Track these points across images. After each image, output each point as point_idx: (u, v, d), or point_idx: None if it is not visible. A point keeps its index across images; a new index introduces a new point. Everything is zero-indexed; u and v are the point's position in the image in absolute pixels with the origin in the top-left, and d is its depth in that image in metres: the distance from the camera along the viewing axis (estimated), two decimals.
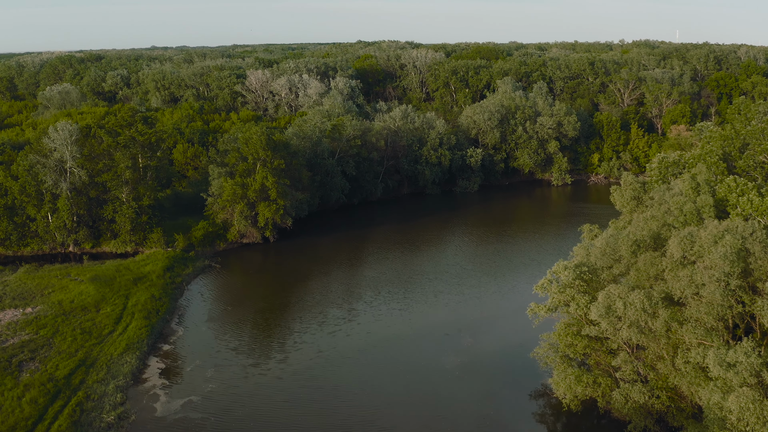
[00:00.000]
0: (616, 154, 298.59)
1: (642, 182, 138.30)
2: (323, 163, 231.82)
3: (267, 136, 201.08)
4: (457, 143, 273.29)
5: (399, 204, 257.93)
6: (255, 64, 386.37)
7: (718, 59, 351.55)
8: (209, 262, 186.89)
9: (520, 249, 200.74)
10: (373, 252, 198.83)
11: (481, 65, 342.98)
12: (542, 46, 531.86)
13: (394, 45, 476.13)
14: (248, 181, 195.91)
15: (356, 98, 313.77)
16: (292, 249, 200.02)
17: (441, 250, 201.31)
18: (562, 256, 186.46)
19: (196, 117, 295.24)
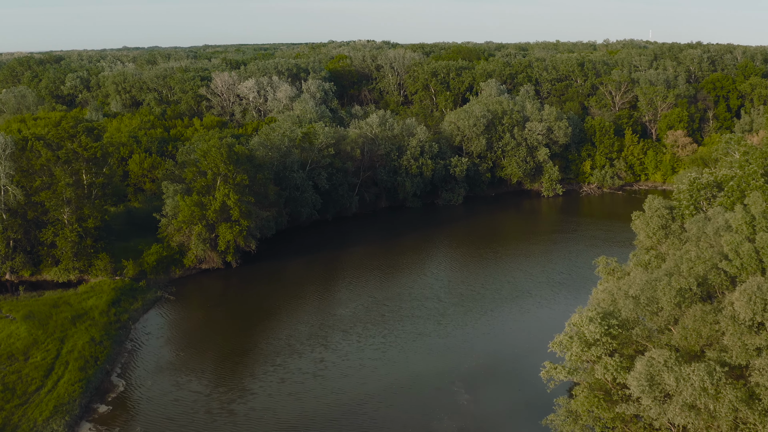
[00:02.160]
0: (609, 161, 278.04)
1: (669, 207, 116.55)
2: (293, 176, 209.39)
3: (228, 148, 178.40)
4: (440, 152, 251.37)
5: (376, 219, 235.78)
6: (221, 66, 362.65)
7: (713, 60, 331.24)
8: (162, 293, 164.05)
9: (509, 276, 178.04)
10: (346, 280, 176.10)
11: (463, 66, 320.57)
12: (523, 46, 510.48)
13: (370, 45, 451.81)
14: (207, 200, 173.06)
15: (330, 102, 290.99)
16: (257, 276, 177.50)
17: (421, 277, 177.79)
18: (554, 286, 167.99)
19: (156, 123, 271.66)
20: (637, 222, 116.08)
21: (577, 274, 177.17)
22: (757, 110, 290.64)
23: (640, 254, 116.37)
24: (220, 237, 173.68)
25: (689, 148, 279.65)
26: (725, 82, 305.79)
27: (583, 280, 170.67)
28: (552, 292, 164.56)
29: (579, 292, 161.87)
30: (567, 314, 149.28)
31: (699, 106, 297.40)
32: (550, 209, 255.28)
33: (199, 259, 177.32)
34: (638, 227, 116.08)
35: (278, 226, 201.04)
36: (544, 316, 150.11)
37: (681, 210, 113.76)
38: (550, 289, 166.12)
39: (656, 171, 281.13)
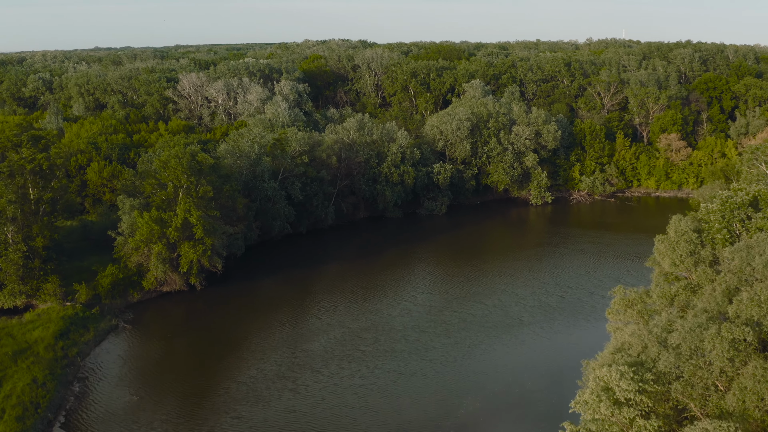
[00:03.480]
0: (600, 166, 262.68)
1: (697, 229, 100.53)
2: (263, 186, 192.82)
3: (191, 157, 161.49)
4: (422, 158, 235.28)
5: (354, 231, 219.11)
6: (189, 66, 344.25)
7: (704, 59, 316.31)
8: (117, 321, 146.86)
9: (497, 300, 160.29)
10: (319, 305, 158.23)
11: (444, 66, 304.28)
12: (503, 45, 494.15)
13: (346, 44, 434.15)
14: (167, 216, 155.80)
15: (304, 104, 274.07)
16: (224, 299, 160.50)
17: (400, 302, 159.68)
18: (548, 312, 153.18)
19: (118, 128, 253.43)
20: (661, 247, 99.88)
21: (570, 296, 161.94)
22: (752, 112, 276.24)
23: (664, 284, 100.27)
24: (182, 257, 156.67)
25: (683, 153, 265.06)
26: (718, 82, 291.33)
27: (578, 304, 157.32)
28: (546, 318, 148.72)
29: (576, 319, 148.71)
30: (566, 347, 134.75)
31: (692, 107, 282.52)
32: (538, 219, 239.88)
33: (160, 282, 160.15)
34: (662, 253, 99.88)
35: (248, 241, 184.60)
36: (541, 349, 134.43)
37: (712, 234, 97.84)
38: (544, 315, 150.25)
39: (649, 177, 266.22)
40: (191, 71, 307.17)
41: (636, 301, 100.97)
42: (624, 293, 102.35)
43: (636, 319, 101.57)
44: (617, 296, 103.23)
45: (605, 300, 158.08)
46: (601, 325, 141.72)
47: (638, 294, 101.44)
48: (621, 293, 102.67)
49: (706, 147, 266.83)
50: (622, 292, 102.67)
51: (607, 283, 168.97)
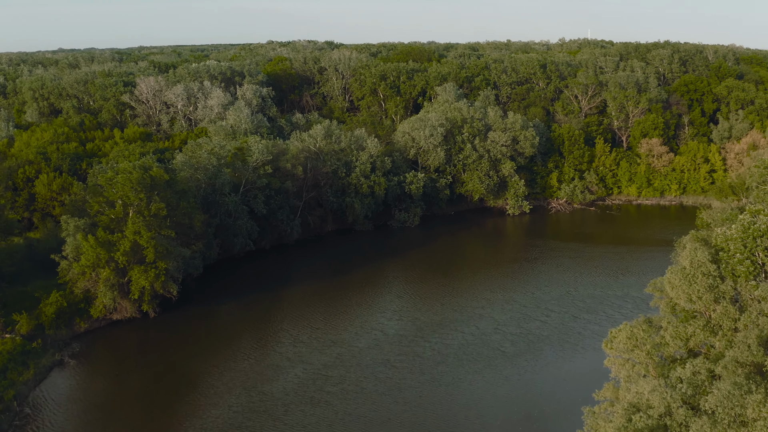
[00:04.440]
0: (579, 173, 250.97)
1: (714, 259, 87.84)
2: (223, 200, 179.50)
3: (143, 171, 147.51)
4: (393, 167, 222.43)
5: (322, 246, 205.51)
6: (148, 69, 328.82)
7: (684, 60, 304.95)
8: (62, 356, 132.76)
9: (474, 326, 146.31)
10: (281, 335, 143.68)
11: (415, 69, 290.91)
12: (474, 46, 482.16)
13: (311, 45, 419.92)
14: (116, 238, 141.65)
15: (268, 109, 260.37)
16: (180, 327, 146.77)
17: (368, 331, 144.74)
18: (532, 342, 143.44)
19: (71, 135, 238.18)
20: (675, 280, 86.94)
21: (553, 321, 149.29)
22: (735, 115, 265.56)
23: (677, 323, 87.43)
24: (132, 283, 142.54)
25: (665, 158, 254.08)
26: (699, 84, 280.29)
27: (562, 330, 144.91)
28: (530, 348, 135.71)
29: (563, 349, 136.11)
30: (557, 384, 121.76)
31: (673, 110, 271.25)
32: (515, 230, 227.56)
33: (109, 309, 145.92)
34: (676, 286, 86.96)
35: (207, 260, 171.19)
36: (529, 387, 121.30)
37: (732, 265, 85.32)
38: (527, 345, 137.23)
39: (630, 183, 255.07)
40: (150, 74, 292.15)
41: (645, 340, 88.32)
42: (631, 331, 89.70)
43: (644, 360, 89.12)
44: (623, 333, 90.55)
45: (592, 325, 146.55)
46: (592, 355, 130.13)
47: (647, 332, 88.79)
48: (627, 331, 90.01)
49: (689, 152, 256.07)
50: (628, 330, 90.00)
51: (591, 304, 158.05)
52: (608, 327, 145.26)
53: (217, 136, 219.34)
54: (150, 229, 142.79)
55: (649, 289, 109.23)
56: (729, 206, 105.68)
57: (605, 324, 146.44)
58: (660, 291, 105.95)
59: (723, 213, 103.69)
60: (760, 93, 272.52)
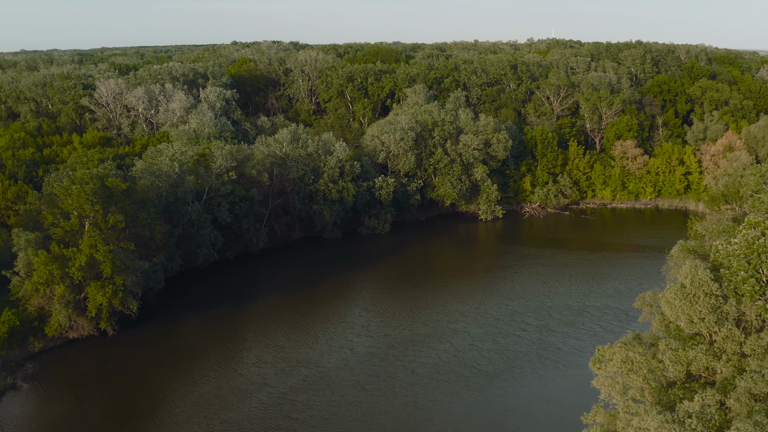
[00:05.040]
0: (552, 177, 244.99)
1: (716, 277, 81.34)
2: (186, 209, 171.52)
3: (100, 181, 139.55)
4: (363, 172, 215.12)
5: (289, 255, 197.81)
6: (108, 71, 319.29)
7: (656, 60, 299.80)
8: (13, 379, 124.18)
9: (447, 343, 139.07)
10: (245, 354, 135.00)
11: (383, 70, 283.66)
12: (441, 46, 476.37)
13: (276, 46, 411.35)
14: (71, 253, 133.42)
15: (232, 113, 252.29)
16: (140, 345, 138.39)
17: (336, 349, 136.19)
18: (510, 359, 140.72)
19: (28, 141, 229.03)
20: (675, 300, 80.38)
21: (530, 336, 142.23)
22: (710, 116, 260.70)
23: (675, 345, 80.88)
24: (89, 300, 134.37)
25: (640, 161, 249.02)
26: (672, 84, 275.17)
27: (540, 345, 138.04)
28: (508, 366, 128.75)
29: (543, 367, 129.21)
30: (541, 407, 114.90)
31: (647, 111, 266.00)
32: (488, 236, 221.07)
33: (65, 328, 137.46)
34: (674, 306, 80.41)
35: (168, 273, 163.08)
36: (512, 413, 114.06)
37: (735, 283, 78.95)
38: (505, 362, 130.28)
39: (604, 187, 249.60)
40: (110, 77, 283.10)
41: (641, 364, 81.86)
42: (626, 354, 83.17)
43: (641, 386, 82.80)
44: (617, 356, 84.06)
45: (571, 339, 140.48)
46: (574, 373, 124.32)
47: (643, 356, 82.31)
48: (622, 354, 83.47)
49: (663, 154, 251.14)
50: (623, 353, 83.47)
51: (568, 316, 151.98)
52: (588, 341, 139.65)
53: (179, 140, 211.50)
54: (107, 243, 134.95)
55: (637, 303, 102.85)
56: (724, 216, 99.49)
57: (585, 338, 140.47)
58: (649, 306, 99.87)
59: (719, 224, 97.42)
60: (734, 93, 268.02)
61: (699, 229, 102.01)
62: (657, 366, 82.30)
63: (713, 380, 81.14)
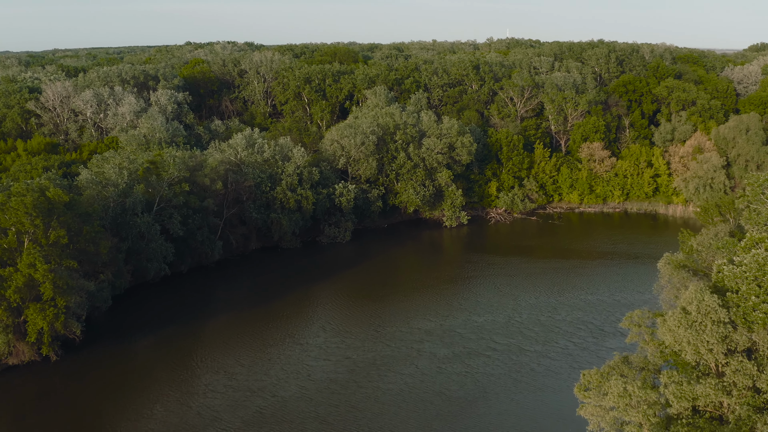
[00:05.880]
0: (518, 181, 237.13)
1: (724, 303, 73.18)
2: (135, 221, 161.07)
3: (40, 193, 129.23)
4: (322, 178, 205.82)
5: (245, 266, 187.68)
6: (56, 74, 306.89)
7: (620, 60, 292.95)
8: None
9: (413, 366, 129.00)
10: (195, 382, 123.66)
11: (341, 71, 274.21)
12: (399, 46, 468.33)
13: (231, 47, 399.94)
14: (7, 273, 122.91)
15: (184, 116, 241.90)
16: (86, 371, 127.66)
17: (293, 372, 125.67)
18: (478, 384, 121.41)
19: None
20: (680, 330, 71.87)
21: (500, 356, 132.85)
22: (678, 117, 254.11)
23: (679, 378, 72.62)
24: (29, 323, 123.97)
25: (607, 163, 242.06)
26: (638, 84, 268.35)
27: (512, 366, 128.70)
28: (480, 392, 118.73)
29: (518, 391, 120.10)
30: None
31: (613, 112, 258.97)
32: (452, 244, 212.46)
33: (4, 353, 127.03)
34: (679, 335, 71.97)
35: (116, 290, 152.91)
36: None
37: (744, 309, 70.90)
38: (475, 386, 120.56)
39: (572, 190, 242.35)
40: (57, 79, 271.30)
41: (640, 398, 73.63)
42: (623, 388, 74.87)
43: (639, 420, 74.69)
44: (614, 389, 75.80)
45: (544, 359, 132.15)
46: (552, 398, 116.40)
47: (642, 390, 74.05)
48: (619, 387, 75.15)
49: (631, 156, 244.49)
50: (620, 386, 75.13)
51: (539, 332, 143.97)
52: (563, 361, 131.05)
53: (128, 146, 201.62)
54: (48, 261, 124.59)
55: (625, 323, 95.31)
56: (720, 230, 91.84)
57: (560, 358, 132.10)
58: (638, 326, 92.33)
59: (717, 241, 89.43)
60: (701, 93, 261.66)
61: (694, 245, 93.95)
62: (657, 401, 74.21)
63: (719, 414, 73.33)
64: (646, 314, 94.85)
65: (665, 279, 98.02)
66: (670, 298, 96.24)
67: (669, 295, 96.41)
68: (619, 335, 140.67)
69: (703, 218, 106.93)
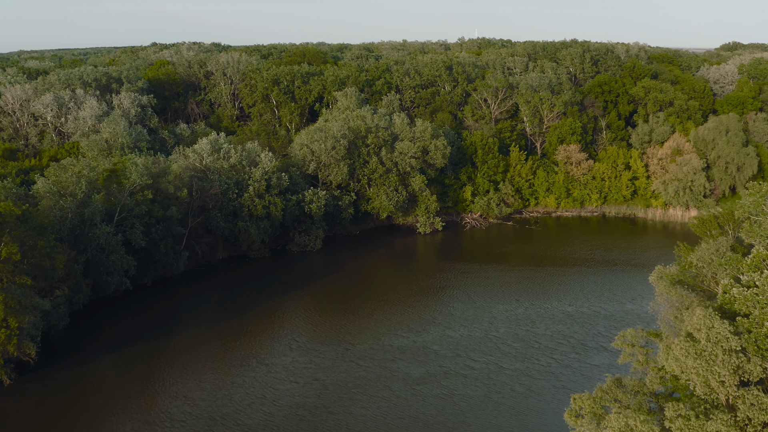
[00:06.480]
0: (493, 185, 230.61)
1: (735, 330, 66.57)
2: (94, 232, 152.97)
3: None
4: (291, 184, 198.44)
5: (212, 278, 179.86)
6: (16, 76, 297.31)
7: (595, 60, 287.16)
8: None
9: (384, 388, 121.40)
10: (154, 411, 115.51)
11: (311, 72, 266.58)
12: (369, 46, 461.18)
13: (197, 47, 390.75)
14: None
15: (148, 120, 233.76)
16: (42, 395, 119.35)
17: (258, 397, 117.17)
18: (459, 408, 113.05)
19: None
20: (688, 360, 65.09)
21: (479, 375, 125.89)
22: (656, 118, 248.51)
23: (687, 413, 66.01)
24: None
25: (584, 166, 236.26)
26: (614, 85, 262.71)
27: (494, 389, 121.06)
28: (459, 418, 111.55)
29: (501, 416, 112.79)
30: None
31: (589, 113, 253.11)
32: (426, 251, 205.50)
33: None
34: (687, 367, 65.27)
35: (75, 306, 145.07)
36: None
37: (757, 335, 64.33)
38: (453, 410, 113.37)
39: (548, 194, 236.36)
40: (17, 82, 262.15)
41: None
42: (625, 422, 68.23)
43: None
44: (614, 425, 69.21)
45: (525, 378, 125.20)
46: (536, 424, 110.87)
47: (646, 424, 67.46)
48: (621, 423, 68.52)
49: (608, 158, 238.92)
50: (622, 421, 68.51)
51: (518, 348, 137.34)
52: (546, 381, 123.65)
53: (90, 151, 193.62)
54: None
55: (617, 343, 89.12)
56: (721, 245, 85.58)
57: (541, 377, 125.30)
58: (631, 346, 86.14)
59: (720, 256, 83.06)
60: (678, 93, 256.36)
61: (694, 261, 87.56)
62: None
63: None
64: (640, 333, 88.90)
65: (662, 297, 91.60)
66: (669, 318, 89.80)
67: (668, 315, 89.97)
68: (602, 350, 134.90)
69: (700, 230, 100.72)
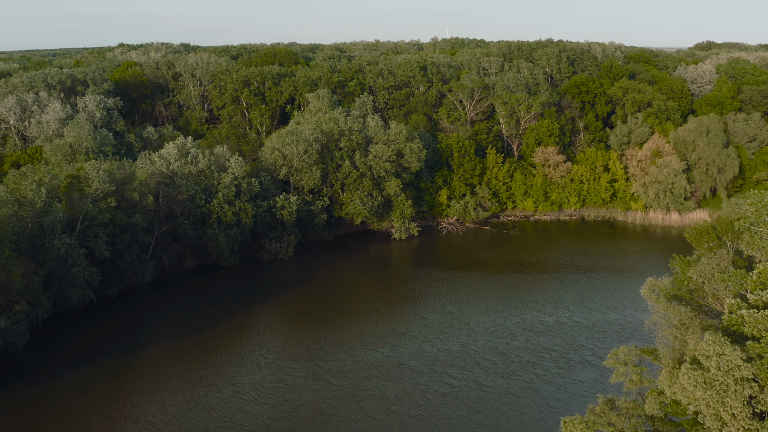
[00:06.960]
0: (470, 189, 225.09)
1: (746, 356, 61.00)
2: (54, 243, 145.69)
3: None
4: (262, 190, 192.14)
5: (179, 288, 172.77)
6: None
7: (572, 60, 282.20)
8: None
9: (357, 409, 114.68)
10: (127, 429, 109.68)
11: (282, 73, 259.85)
12: (341, 46, 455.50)
13: (165, 48, 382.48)
14: None
15: (114, 123, 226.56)
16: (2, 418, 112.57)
17: (225, 422, 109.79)
18: (435, 427, 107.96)
19: None
20: (697, 391, 59.63)
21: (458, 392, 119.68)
22: (634, 119, 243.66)
23: None
24: None
25: (562, 168, 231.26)
26: (591, 85, 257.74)
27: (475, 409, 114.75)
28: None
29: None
30: None
31: (566, 114, 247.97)
32: (401, 258, 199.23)
33: None
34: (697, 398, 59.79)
35: (34, 321, 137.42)
36: None
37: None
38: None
39: (526, 197, 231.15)
40: None
41: None
42: None
43: None
44: None
45: (507, 397, 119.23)
46: None
47: None
48: None
49: (586, 160, 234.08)
50: None
51: (497, 362, 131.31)
52: (528, 398, 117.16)
53: (53, 156, 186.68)
54: None
55: (609, 362, 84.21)
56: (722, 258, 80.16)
57: (523, 394, 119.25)
58: (624, 365, 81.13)
59: (724, 272, 77.52)
60: (656, 94, 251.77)
61: (694, 276, 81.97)
62: None
63: None
64: (633, 351, 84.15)
65: (659, 314, 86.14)
66: (667, 338, 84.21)
67: (667, 335, 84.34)
68: (586, 364, 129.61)
69: (696, 242, 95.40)
